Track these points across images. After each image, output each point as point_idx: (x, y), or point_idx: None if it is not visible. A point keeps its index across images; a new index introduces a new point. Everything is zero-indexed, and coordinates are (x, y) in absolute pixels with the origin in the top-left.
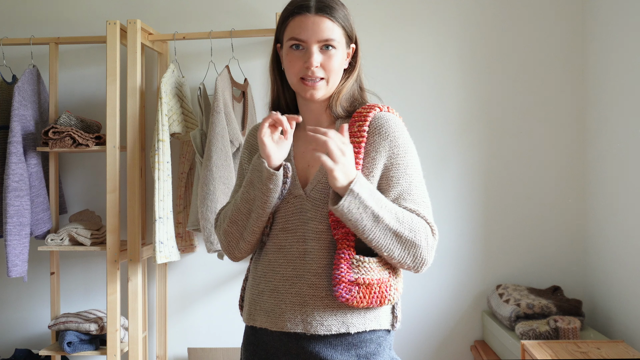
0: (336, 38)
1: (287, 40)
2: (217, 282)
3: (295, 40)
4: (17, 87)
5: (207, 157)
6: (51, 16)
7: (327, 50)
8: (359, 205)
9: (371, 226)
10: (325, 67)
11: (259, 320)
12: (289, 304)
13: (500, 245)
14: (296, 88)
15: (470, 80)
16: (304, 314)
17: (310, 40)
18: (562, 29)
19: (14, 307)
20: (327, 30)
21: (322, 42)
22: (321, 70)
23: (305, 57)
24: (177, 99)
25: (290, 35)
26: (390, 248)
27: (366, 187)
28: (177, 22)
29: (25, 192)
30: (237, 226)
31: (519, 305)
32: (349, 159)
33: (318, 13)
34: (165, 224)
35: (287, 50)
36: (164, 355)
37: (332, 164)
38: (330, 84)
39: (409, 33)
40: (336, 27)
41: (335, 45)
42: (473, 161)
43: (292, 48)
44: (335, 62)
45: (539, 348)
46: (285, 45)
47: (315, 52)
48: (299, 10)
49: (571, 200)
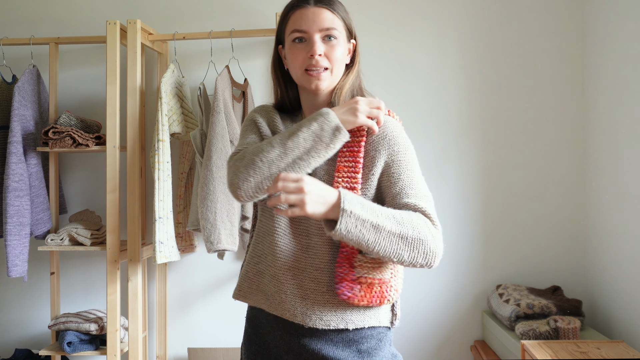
0: (337, 28)
1: (290, 34)
2: (217, 282)
3: (297, 32)
4: (17, 87)
5: (207, 157)
6: (51, 16)
7: (329, 40)
8: (356, 222)
9: (375, 238)
10: (328, 56)
11: (254, 300)
12: (290, 294)
13: (500, 245)
14: (301, 81)
15: (470, 82)
16: (304, 307)
17: (311, 30)
18: (563, 30)
19: (14, 307)
20: (328, 20)
21: (323, 30)
22: (325, 59)
23: (308, 47)
24: (177, 99)
25: (292, 28)
26: (399, 253)
27: (356, 201)
28: (177, 22)
29: (25, 192)
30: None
31: (519, 305)
32: (310, 187)
33: (317, 4)
34: (165, 224)
35: (289, 45)
36: (164, 355)
37: (298, 209)
38: (334, 75)
39: (408, 34)
40: (336, 19)
41: (337, 35)
42: (473, 161)
43: (294, 42)
44: (338, 52)
45: (539, 348)
46: (287, 40)
47: (317, 41)
48: (299, 4)
49: (571, 200)
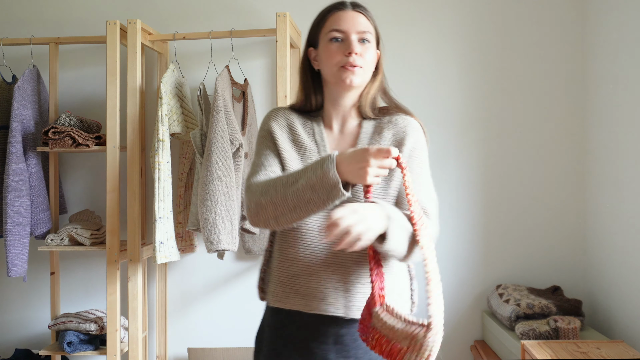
0: (371, 32)
1: (327, 33)
2: (217, 282)
3: (336, 32)
4: (17, 87)
5: (207, 157)
6: (51, 16)
7: (363, 43)
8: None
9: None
10: (362, 56)
11: (290, 303)
12: (332, 288)
13: (500, 245)
14: (335, 76)
15: (469, 81)
16: (346, 299)
17: (350, 31)
18: (563, 28)
19: (14, 307)
20: (364, 24)
21: (360, 33)
22: (360, 58)
23: (345, 46)
24: (177, 99)
25: (330, 28)
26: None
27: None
28: (177, 22)
29: (25, 192)
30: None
31: (519, 305)
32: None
33: (355, 9)
34: (165, 224)
35: (326, 44)
36: (164, 355)
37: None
38: (365, 75)
39: (408, 32)
40: (369, 25)
41: (370, 39)
42: (473, 161)
43: (331, 41)
44: (370, 54)
45: (539, 348)
46: (323, 39)
47: (354, 41)
48: (337, 7)
49: (571, 200)
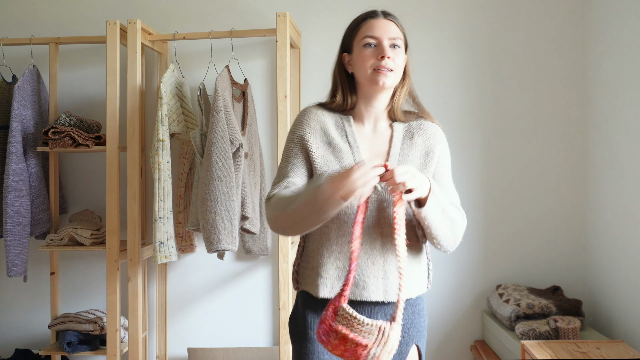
0: (401, 38)
1: (361, 39)
2: (217, 282)
3: (370, 38)
4: (17, 87)
5: (207, 157)
6: (51, 16)
7: (394, 48)
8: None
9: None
10: (394, 60)
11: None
12: (373, 278)
13: (500, 245)
14: (368, 79)
15: (469, 82)
16: (385, 285)
17: (382, 37)
18: (564, 28)
19: (14, 307)
20: (395, 31)
21: (391, 39)
22: (391, 62)
23: (378, 51)
24: (177, 99)
25: (364, 34)
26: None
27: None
28: (177, 22)
29: (25, 192)
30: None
31: (519, 305)
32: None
33: (386, 17)
34: (165, 224)
35: (360, 50)
36: (164, 355)
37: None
38: (396, 77)
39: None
40: (399, 32)
41: (400, 45)
42: (473, 161)
43: (365, 47)
44: (401, 59)
45: (539, 348)
46: (357, 45)
47: (387, 46)
48: (370, 15)
49: (571, 200)
